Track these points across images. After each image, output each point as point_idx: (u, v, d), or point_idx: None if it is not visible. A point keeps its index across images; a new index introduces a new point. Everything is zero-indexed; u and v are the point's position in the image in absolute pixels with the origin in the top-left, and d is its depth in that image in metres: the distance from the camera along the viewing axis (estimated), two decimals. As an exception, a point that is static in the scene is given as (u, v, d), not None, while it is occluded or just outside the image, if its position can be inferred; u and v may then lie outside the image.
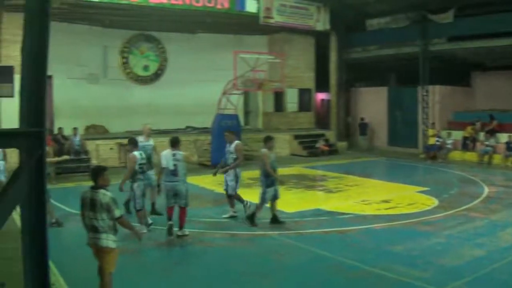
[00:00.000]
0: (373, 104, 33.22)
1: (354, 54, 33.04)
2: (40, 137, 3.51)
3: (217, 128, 23.76)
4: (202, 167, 23.88)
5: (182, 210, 11.97)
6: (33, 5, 3.66)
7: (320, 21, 30.05)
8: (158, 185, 12.49)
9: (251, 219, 13.05)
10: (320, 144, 29.46)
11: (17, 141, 3.54)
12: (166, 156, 12.16)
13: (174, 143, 12.42)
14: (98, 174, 7.68)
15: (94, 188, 7.59)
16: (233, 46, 29.12)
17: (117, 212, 7.54)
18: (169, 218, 11.99)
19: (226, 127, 23.39)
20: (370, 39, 32.26)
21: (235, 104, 24.19)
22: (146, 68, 31.03)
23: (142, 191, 12.28)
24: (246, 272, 9.84)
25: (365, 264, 9.96)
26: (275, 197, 13.28)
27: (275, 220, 13.27)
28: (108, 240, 7.56)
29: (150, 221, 12.59)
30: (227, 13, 26.91)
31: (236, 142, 13.68)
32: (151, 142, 14.22)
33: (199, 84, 29.96)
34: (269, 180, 12.98)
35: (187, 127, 30.41)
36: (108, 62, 29.70)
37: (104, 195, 7.48)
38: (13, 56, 22.68)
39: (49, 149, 14.48)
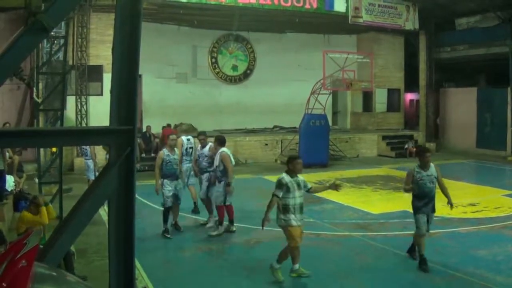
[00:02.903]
0: (461, 105, 32.22)
1: (443, 54, 32.23)
2: (130, 135, 3.55)
3: (305, 128, 23.74)
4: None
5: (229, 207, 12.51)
6: (124, 5, 3.71)
7: (409, 20, 29.51)
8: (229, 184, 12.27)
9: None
10: (409, 146, 28.81)
11: (107, 139, 3.61)
12: (230, 155, 12.34)
13: (224, 142, 12.50)
14: (289, 161, 9.27)
15: (288, 172, 9.10)
16: (321, 46, 29.11)
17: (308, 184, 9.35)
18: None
19: (314, 127, 23.45)
20: (459, 38, 31.34)
21: (323, 104, 24.03)
22: (235, 67, 31.33)
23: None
24: (330, 272, 9.82)
25: (450, 268, 9.79)
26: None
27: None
28: None
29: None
30: (315, 13, 26.86)
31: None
32: (176, 155, 12.55)
33: (288, 84, 30.02)
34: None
35: (275, 126, 30.52)
36: (197, 61, 30.19)
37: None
38: (102, 56, 23.50)
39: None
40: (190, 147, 13.88)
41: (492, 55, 29.26)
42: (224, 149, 12.24)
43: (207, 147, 13.04)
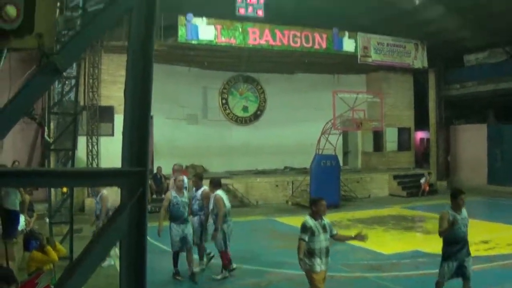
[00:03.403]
0: (472, 141, 32.19)
1: (453, 91, 32.35)
2: (142, 176, 3.56)
3: (316, 168, 23.68)
4: (299, 207, 23.79)
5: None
6: (136, 47, 3.74)
7: (418, 59, 29.63)
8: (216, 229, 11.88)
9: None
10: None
11: (119, 180, 3.61)
12: (224, 198, 12.04)
13: (218, 185, 12.24)
14: (312, 203, 8.98)
15: (312, 215, 8.75)
16: (331, 86, 29.34)
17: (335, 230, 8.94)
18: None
19: (325, 168, 23.39)
20: (468, 75, 31.54)
21: (334, 144, 24.02)
22: (245, 109, 31.53)
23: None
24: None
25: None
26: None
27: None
28: None
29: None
30: (325, 53, 27.13)
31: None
32: (185, 197, 12.20)
33: (298, 124, 30.07)
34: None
35: (286, 167, 30.49)
36: (208, 103, 30.42)
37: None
38: (113, 96, 23.70)
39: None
40: (184, 187, 13.69)
41: (501, 90, 29.26)
42: (219, 191, 12.00)
43: (200, 191, 12.66)
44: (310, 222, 8.66)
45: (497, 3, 24.85)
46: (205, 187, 12.67)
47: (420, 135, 36.83)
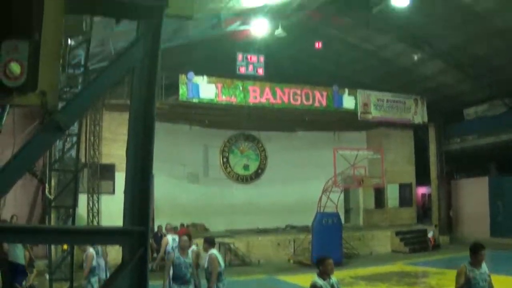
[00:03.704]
0: (473, 195, 32.01)
1: (453, 145, 32.45)
2: (144, 236, 3.55)
3: (317, 226, 23.52)
4: (301, 265, 23.53)
5: None
6: (138, 106, 3.77)
7: (418, 114, 29.76)
8: None
9: None
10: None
11: (121, 239, 3.59)
12: (219, 257, 11.61)
13: (212, 243, 11.80)
14: (319, 262, 8.60)
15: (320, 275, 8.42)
16: (332, 143, 29.40)
17: None
18: None
19: (327, 226, 23.23)
20: (468, 128, 31.63)
21: (335, 201, 23.90)
22: (246, 167, 31.58)
23: None
24: None
25: None
26: None
27: None
28: None
29: None
30: (325, 111, 27.33)
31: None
32: (188, 258, 11.64)
33: (299, 182, 30.00)
34: None
35: (287, 225, 30.26)
36: (209, 161, 30.47)
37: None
38: (114, 154, 23.64)
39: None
40: (176, 247, 13.33)
41: (502, 142, 29.16)
42: (213, 250, 11.73)
43: (189, 251, 11.81)
44: (320, 282, 8.37)
45: (495, 56, 25.30)
46: (194, 247, 12.27)
47: (421, 190, 36.74)
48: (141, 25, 4.01)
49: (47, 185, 17.11)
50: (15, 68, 3.30)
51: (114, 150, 23.58)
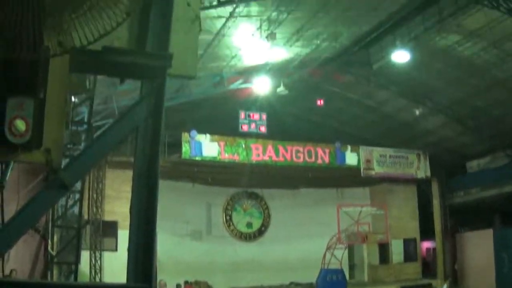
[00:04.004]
0: (478, 248, 31.41)
1: (457, 199, 32.17)
2: (147, 293, 3.53)
3: (322, 283, 23.32)
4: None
5: None
6: (142, 165, 3.80)
7: (421, 169, 29.83)
8: None
9: None
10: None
11: (124, 296, 3.58)
12: None
13: None
14: None
15: None
16: (335, 200, 29.41)
17: None
18: None
19: (331, 282, 23.01)
20: (471, 181, 31.30)
21: (339, 258, 23.69)
22: (249, 225, 31.41)
23: None
24: None
25: None
26: None
27: None
28: None
29: None
30: (328, 167, 27.49)
31: None
32: None
33: (303, 240, 29.74)
34: None
35: (291, 283, 29.88)
36: (212, 219, 30.34)
37: None
38: (117, 212, 23.49)
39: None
40: None
41: (506, 194, 28.82)
42: None
43: None
44: None
45: (496, 108, 25.42)
46: None
47: (426, 244, 36.29)
48: (145, 84, 4.03)
49: (49, 241, 17.05)
50: (20, 125, 3.33)
51: (117, 207, 23.47)
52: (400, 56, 21.57)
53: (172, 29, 4.10)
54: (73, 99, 11.48)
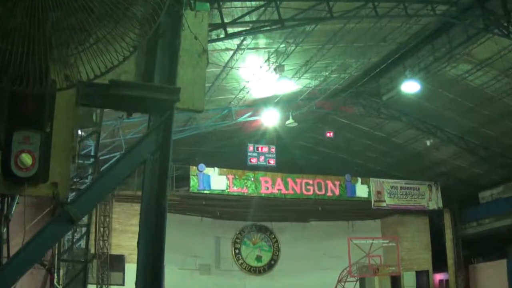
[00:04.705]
0: (492, 278, 30.81)
1: (470, 230, 31.76)
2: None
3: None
4: None
5: None
6: (149, 199, 3.78)
7: (433, 200, 29.61)
8: None
9: None
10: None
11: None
12: None
13: None
14: None
15: None
16: (346, 233, 29.18)
17: None
18: None
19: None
20: (484, 212, 30.91)
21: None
22: (259, 258, 31.18)
23: None
24: None
25: None
26: None
27: None
28: None
29: None
30: (338, 200, 27.41)
31: None
32: None
33: (313, 273, 29.22)
34: None
35: (302, 316, 29.57)
36: (221, 253, 30.18)
37: None
38: (124, 245, 23.67)
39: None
40: None
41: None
42: None
43: None
44: None
45: (508, 137, 25.25)
46: None
47: (438, 277, 35.74)
48: (153, 118, 4.06)
49: (55, 275, 16.91)
50: (27, 159, 3.32)
51: (124, 241, 23.56)
52: (410, 87, 21.42)
53: (179, 63, 4.12)
54: (80, 132, 11.48)
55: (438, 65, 20.53)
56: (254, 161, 26.28)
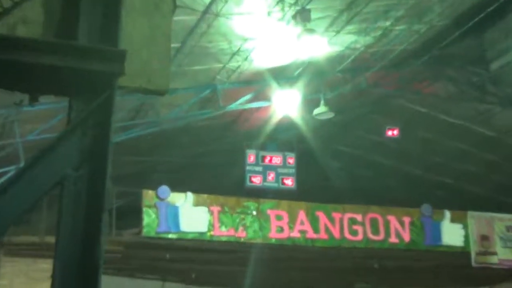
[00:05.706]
0: None
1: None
2: None
3: None
4: None
5: None
6: (70, 248, 2.52)
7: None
8: None
9: None
10: None
11: None
12: None
13: None
14: None
15: None
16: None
17: None
18: None
19: None
20: None
21: None
22: None
23: None
24: None
25: None
26: None
27: None
28: None
29: None
30: (409, 251, 19.73)
31: None
32: None
33: None
34: None
35: None
36: None
37: None
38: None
39: None
40: None
41: None
42: None
43: None
44: None
45: None
46: None
47: None
48: (76, 105, 2.68)
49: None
50: None
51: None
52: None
53: (124, 7, 2.78)
54: None
55: None
56: (257, 180, 18.56)
